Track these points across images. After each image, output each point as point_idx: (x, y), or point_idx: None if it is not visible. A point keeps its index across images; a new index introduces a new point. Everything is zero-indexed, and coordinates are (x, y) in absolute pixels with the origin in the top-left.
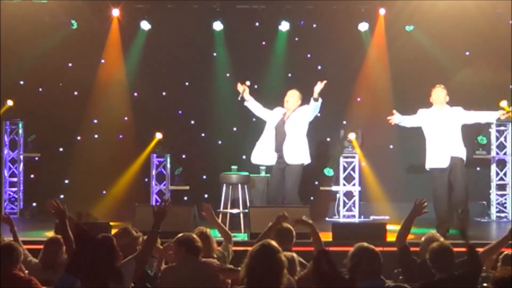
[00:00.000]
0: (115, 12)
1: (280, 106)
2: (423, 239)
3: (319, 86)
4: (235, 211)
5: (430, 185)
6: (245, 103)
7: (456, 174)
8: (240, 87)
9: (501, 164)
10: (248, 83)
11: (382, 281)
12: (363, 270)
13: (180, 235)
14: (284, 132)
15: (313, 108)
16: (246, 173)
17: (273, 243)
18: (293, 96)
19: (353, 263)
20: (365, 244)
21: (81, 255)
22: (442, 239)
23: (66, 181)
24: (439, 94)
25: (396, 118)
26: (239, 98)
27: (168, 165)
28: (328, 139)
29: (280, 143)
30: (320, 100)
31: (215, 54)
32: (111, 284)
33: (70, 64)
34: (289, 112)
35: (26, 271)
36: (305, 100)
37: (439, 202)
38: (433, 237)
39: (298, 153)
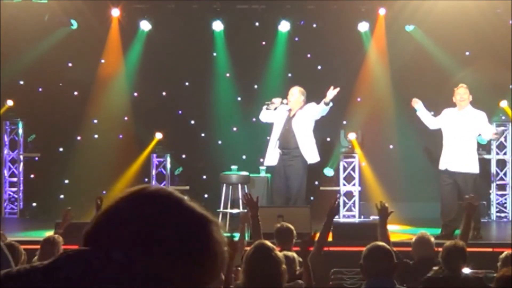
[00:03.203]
0: (115, 12)
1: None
2: (413, 239)
3: (332, 93)
4: (235, 211)
5: (429, 185)
6: (265, 107)
7: (462, 193)
8: (277, 100)
9: (501, 164)
10: (285, 101)
11: (393, 282)
12: (376, 268)
13: None
14: (292, 129)
15: (322, 110)
16: (246, 173)
17: (267, 242)
18: (293, 95)
19: (365, 262)
20: (379, 242)
21: None
22: (432, 238)
23: (66, 181)
24: (461, 94)
25: (418, 104)
26: (266, 107)
27: (168, 165)
28: (328, 139)
29: (286, 140)
30: (331, 104)
31: (215, 54)
32: None
33: (70, 64)
34: (295, 110)
35: None
36: (308, 98)
37: (445, 203)
38: (423, 237)
39: (314, 152)
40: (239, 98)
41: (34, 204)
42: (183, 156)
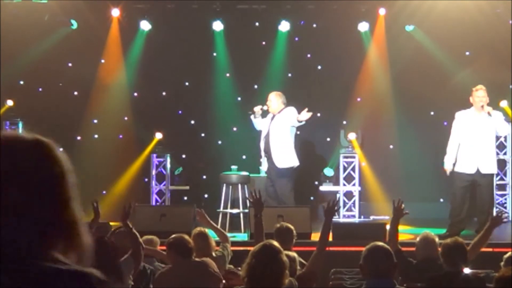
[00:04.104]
0: (115, 12)
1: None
2: (418, 239)
3: (305, 115)
4: (235, 211)
5: (429, 185)
6: (252, 117)
7: (482, 193)
8: (257, 108)
9: (501, 164)
10: (265, 107)
11: (393, 282)
12: (375, 268)
13: (170, 237)
14: (269, 133)
15: (294, 122)
16: (246, 173)
17: (275, 243)
18: (270, 100)
19: (363, 259)
20: (379, 243)
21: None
22: (437, 239)
23: None
24: (480, 97)
25: (449, 169)
26: (251, 115)
27: (168, 165)
28: (328, 139)
29: (266, 143)
30: (303, 122)
31: (215, 54)
32: (111, 283)
33: (70, 64)
34: (275, 114)
35: None
36: (307, 98)
37: (455, 205)
38: (428, 237)
39: (285, 156)
40: (239, 98)
41: None
42: (183, 156)
